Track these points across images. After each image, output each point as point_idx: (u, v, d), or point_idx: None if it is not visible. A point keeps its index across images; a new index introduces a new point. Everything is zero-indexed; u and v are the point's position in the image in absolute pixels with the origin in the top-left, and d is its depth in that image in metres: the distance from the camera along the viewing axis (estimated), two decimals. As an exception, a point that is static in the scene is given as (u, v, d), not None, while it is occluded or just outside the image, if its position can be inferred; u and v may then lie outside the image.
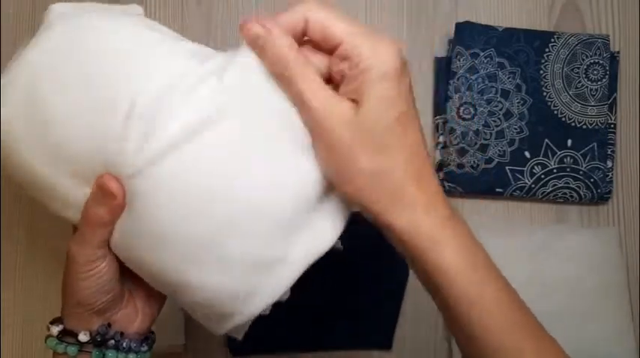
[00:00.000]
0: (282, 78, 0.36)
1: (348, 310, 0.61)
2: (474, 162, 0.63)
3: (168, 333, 0.61)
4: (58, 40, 0.38)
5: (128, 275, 0.41)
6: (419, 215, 0.36)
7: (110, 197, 0.37)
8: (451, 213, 0.37)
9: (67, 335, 0.41)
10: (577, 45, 0.64)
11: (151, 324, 0.44)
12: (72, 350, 0.40)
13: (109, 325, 0.41)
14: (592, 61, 0.64)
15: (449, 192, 0.64)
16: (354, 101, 0.35)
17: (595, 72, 0.64)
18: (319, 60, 0.37)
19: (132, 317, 0.43)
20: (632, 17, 0.67)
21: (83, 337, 0.40)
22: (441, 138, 0.64)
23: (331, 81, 0.37)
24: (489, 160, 0.63)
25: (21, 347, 0.61)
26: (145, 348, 0.43)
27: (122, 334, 0.42)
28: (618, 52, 0.66)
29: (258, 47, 0.36)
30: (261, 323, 0.61)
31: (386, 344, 0.62)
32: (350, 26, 0.37)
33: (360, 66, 0.35)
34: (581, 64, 0.64)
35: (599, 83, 0.64)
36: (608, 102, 0.64)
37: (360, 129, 0.35)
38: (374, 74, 0.35)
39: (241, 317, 0.41)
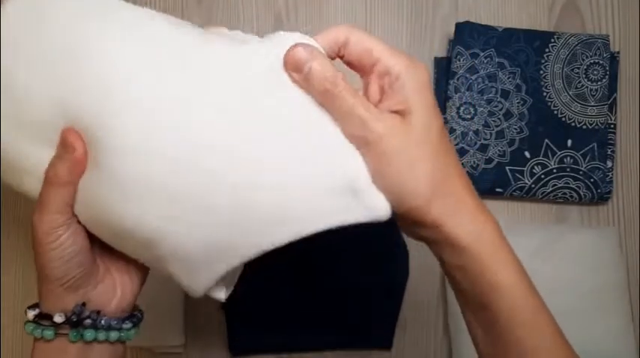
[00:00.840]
0: (329, 95, 0.36)
1: (348, 310, 0.61)
2: (473, 162, 0.63)
3: (167, 333, 0.61)
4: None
5: (101, 249, 0.40)
6: (480, 224, 0.37)
7: (70, 149, 0.36)
8: (496, 221, 0.38)
9: (44, 318, 0.39)
10: (577, 45, 0.64)
11: (133, 300, 0.42)
12: (48, 333, 0.39)
13: (84, 304, 0.39)
14: (592, 61, 0.64)
15: (449, 192, 0.64)
16: (398, 113, 0.37)
17: (595, 72, 0.64)
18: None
19: (110, 294, 0.41)
20: (632, 17, 0.67)
21: (58, 318, 0.38)
22: (441, 138, 0.64)
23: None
24: (489, 160, 0.63)
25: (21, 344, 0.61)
26: (127, 325, 0.41)
27: (99, 312, 0.40)
28: (618, 52, 0.66)
29: (303, 71, 0.36)
30: (261, 324, 0.61)
31: (386, 344, 0.62)
32: (385, 45, 0.38)
33: (402, 79, 0.36)
34: (581, 64, 0.64)
35: (599, 83, 0.64)
36: (608, 102, 0.64)
37: (415, 137, 0.36)
38: (418, 85, 0.37)
39: (220, 268, 0.38)
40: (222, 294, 0.41)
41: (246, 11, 0.66)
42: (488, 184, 0.63)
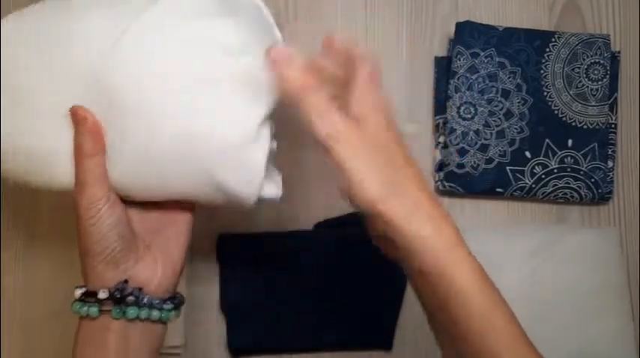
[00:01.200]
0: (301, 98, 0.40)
1: (349, 311, 0.61)
2: (474, 162, 0.63)
3: (168, 334, 0.61)
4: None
5: (141, 226, 0.43)
6: (438, 223, 0.39)
7: (82, 121, 0.40)
8: (456, 228, 0.40)
9: (89, 296, 0.41)
10: (578, 45, 0.64)
11: (174, 280, 0.44)
12: (93, 310, 0.40)
13: (126, 281, 0.41)
14: (593, 60, 0.64)
15: (449, 192, 0.64)
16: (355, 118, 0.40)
17: (596, 72, 0.64)
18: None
19: (151, 272, 0.42)
20: (633, 17, 0.67)
21: (102, 294, 0.40)
22: (441, 138, 0.64)
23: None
24: (490, 160, 0.63)
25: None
26: (168, 306, 0.42)
27: (141, 289, 0.41)
28: (619, 52, 0.66)
29: (279, 70, 0.41)
30: (261, 324, 0.61)
31: (386, 344, 0.62)
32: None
33: (364, 89, 0.41)
34: (582, 64, 0.64)
35: (599, 83, 0.64)
36: (609, 102, 0.64)
37: (368, 141, 0.39)
38: (370, 87, 0.41)
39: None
40: (274, 190, 0.45)
41: (246, 11, 0.66)
42: (489, 184, 0.63)
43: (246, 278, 0.61)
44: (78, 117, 0.40)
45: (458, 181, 0.63)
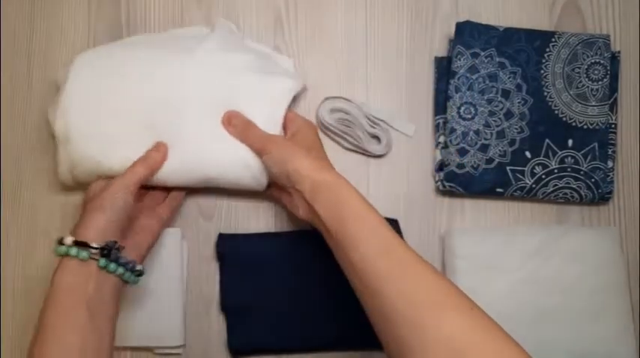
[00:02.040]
0: (245, 131, 0.60)
1: (348, 310, 0.61)
2: (474, 162, 0.63)
3: (167, 335, 0.61)
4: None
5: (138, 213, 0.56)
6: (326, 169, 0.55)
7: (162, 148, 0.59)
8: (335, 174, 0.54)
9: (79, 245, 0.49)
10: (578, 45, 0.64)
11: (145, 255, 0.55)
12: (84, 254, 0.49)
13: (116, 242, 0.51)
14: (593, 60, 0.64)
15: (449, 192, 0.64)
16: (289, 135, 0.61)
17: (596, 72, 0.64)
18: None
19: (134, 245, 0.54)
20: (633, 17, 0.67)
21: (95, 245, 0.49)
22: (442, 138, 0.64)
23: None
24: (490, 160, 0.63)
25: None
26: (136, 271, 0.52)
27: (123, 249, 0.51)
28: (619, 52, 0.66)
29: (231, 125, 0.60)
30: (261, 324, 0.61)
31: (386, 344, 0.61)
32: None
33: (296, 124, 0.61)
34: (582, 64, 0.64)
35: (599, 83, 0.64)
36: (609, 102, 0.64)
37: (297, 142, 0.58)
38: (306, 126, 0.61)
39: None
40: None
41: (245, 11, 0.66)
42: (489, 184, 0.63)
43: (246, 278, 0.61)
44: (159, 147, 0.59)
45: (458, 181, 0.63)
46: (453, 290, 0.45)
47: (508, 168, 0.63)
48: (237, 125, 0.59)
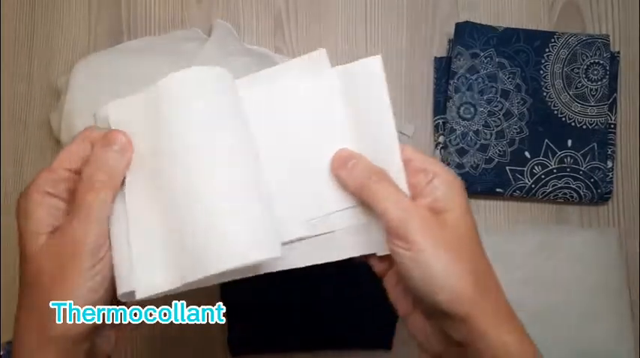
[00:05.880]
0: (365, 188, 0.38)
1: (348, 310, 0.61)
2: (474, 162, 0.63)
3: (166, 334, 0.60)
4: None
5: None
6: (520, 332, 0.36)
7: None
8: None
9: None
10: (577, 45, 0.64)
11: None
12: None
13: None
14: (592, 61, 0.64)
15: (449, 192, 0.64)
16: (433, 210, 0.37)
17: (595, 72, 0.64)
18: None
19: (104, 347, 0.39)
20: (632, 17, 0.67)
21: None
22: (441, 138, 0.64)
23: None
24: (489, 160, 0.63)
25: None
26: None
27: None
28: (618, 52, 0.66)
29: (347, 168, 0.39)
30: (261, 324, 0.61)
31: (386, 344, 0.62)
32: (414, 149, 0.40)
33: (439, 178, 0.38)
34: (582, 64, 0.64)
35: (599, 83, 0.64)
36: (608, 102, 0.64)
37: (451, 233, 0.37)
38: (459, 186, 0.38)
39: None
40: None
41: (246, 11, 0.66)
42: (489, 184, 0.63)
43: (246, 278, 0.61)
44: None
45: (458, 181, 0.63)
46: None
47: (507, 168, 0.63)
48: (357, 170, 0.38)
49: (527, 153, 0.63)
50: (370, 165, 0.38)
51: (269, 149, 0.40)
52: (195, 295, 0.62)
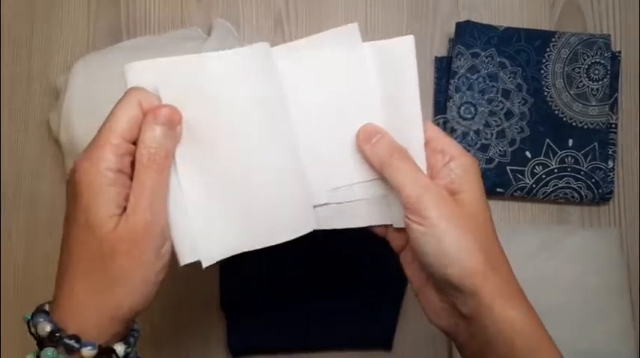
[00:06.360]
0: (387, 165, 0.40)
1: (348, 310, 0.61)
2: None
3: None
4: None
5: None
6: (527, 306, 0.39)
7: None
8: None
9: (63, 342, 0.34)
10: (578, 44, 0.64)
11: None
12: None
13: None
14: (593, 60, 0.64)
15: (449, 192, 0.64)
16: (449, 191, 0.39)
17: (596, 72, 0.64)
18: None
19: None
20: (633, 17, 0.67)
21: (120, 348, 0.36)
22: (442, 138, 0.64)
23: None
24: (490, 160, 0.63)
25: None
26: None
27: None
28: (619, 52, 0.65)
29: (370, 143, 0.41)
30: (261, 324, 0.61)
31: (386, 344, 0.62)
32: (436, 128, 0.42)
33: (456, 160, 0.40)
34: (582, 64, 0.64)
35: (600, 83, 0.64)
36: (609, 102, 0.64)
37: (467, 211, 0.38)
38: (470, 168, 0.40)
39: None
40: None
41: (246, 11, 0.66)
42: (489, 184, 0.63)
43: (246, 278, 0.61)
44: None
45: (458, 181, 0.63)
46: None
47: (508, 168, 0.63)
48: (380, 146, 0.40)
49: (528, 153, 0.63)
50: (393, 143, 0.40)
51: (302, 116, 0.41)
52: (195, 295, 0.63)
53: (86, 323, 0.35)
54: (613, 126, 0.64)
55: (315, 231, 0.43)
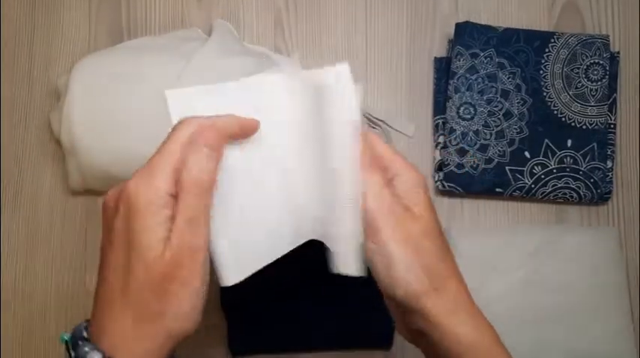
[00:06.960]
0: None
1: (348, 309, 0.61)
2: (473, 162, 0.63)
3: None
4: None
5: None
6: (478, 321, 0.39)
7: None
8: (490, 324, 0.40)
9: None
10: (577, 45, 0.64)
11: None
12: None
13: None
14: (592, 61, 0.64)
15: (449, 192, 0.64)
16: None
17: (595, 72, 0.64)
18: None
19: None
20: (632, 17, 0.67)
21: None
22: (441, 138, 0.64)
23: None
24: (489, 160, 0.63)
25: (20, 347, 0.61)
26: None
27: None
28: (618, 53, 0.66)
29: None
30: (261, 324, 0.61)
31: (386, 344, 0.62)
32: (382, 145, 0.42)
33: (404, 177, 0.40)
34: (581, 64, 0.64)
35: (599, 83, 0.64)
36: (608, 102, 0.64)
37: (419, 233, 0.39)
38: (423, 184, 0.40)
39: None
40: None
41: (246, 11, 0.67)
42: (489, 184, 0.63)
43: (246, 278, 0.61)
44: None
45: (457, 181, 0.63)
46: None
47: (507, 168, 0.63)
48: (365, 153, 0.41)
49: (527, 153, 0.63)
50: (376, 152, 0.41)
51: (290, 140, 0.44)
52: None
53: (135, 354, 0.35)
54: (612, 126, 0.64)
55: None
